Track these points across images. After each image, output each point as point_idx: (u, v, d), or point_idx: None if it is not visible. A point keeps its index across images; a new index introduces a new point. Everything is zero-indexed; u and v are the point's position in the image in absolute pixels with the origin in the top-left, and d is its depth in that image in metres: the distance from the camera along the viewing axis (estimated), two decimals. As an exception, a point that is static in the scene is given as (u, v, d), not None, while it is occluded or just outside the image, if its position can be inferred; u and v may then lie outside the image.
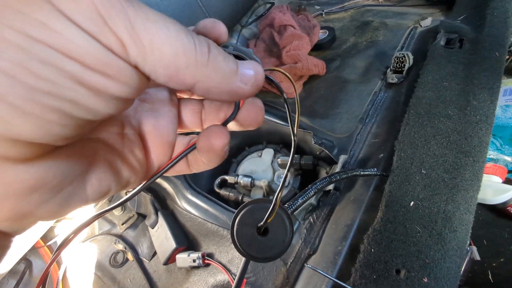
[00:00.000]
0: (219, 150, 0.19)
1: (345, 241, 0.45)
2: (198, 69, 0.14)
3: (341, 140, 0.61)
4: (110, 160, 0.18)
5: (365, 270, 0.38)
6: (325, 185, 0.44)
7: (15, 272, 0.64)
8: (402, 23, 0.80)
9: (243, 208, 0.26)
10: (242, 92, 0.17)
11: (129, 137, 0.20)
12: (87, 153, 0.17)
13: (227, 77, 0.16)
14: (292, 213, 0.43)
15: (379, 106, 0.63)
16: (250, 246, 0.25)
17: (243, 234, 0.25)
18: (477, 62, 0.55)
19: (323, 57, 0.80)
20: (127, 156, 0.19)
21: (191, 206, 0.61)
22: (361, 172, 0.46)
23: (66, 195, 0.15)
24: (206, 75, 0.15)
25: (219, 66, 0.15)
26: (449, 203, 0.41)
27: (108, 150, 0.18)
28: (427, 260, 0.37)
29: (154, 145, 0.21)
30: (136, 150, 0.20)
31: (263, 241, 0.25)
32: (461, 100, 0.51)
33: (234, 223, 0.25)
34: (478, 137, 0.46)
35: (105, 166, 0.18)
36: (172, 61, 0.14)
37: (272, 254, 0.25)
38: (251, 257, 0.25)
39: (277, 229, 0.25)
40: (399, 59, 0.64)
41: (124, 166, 0.19)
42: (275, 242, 0.25)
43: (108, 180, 0.18)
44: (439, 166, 0.44)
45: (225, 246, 0.56)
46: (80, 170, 0.16)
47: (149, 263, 0.61)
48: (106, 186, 0.18)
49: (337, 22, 0.91)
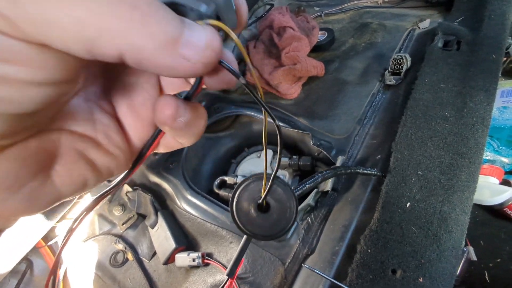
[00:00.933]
0: (168, 123, 0.16)
1: (343, 242, 0.45)
2: (117, 37, 0.11)
3: (339, 141, 0.61)
4: (80, 150, 0.17)
5: (362, 270, 0.38)
6: (331, 175, 0.44)
7: (16, 272, 0.65)
8: (401, 25, 0.80)
9: (242, 183, 0.24)
10: (183, 69, 0.13)
11: (102, 121, 0.18)
12: (47, 146, 0.15)
13: (161, 48, 0.12)
14: (300, 196, 0.42)
15: (377, 108, 0.64)
16: (250, 223, 0.23)
17: (243, 211, 0.24)
18: (474, 64, 0.56)
19: (322, 58, 0.81)
20: (102, 142, 0.18)
21: (190, 207, 0.62)
22: (363, 170, 0.47)
23: (31, 191, 0.15)
24: (131, 43, 0.12)
25: (151, 32, 0.12)
26: (445, 204, 0.42)
27: (76, 139, 0.17)
28: (423, 260, 0.38)
29: (132, 126, 0.19)
30: (112, 134, 0.18)
31: (265, 218, 0.23)
32: (458, 102, 0.51)
33: (233, 198, 0.24)
34: (475, 138, 0.47)
35: (74, 156, 0.16)
36: (78, 32, 0.11)
37: (273, 232, 0.23)
38: (251, 234, 0.24)
39: (280, 206, 0.24)
40: (397, 61, 0.64)
41: (100, 153, 0.17)
42: (278, 220, 0.23)
43: (81, 170, 0.17)
44: (435, 168, 0.45)
45: (224, 246, 0.56)
46: (39, 164, 0.15)
47: (149, 263, 0.61)
48: (79, 177, 0.17)
49: (336, 23, 0.92)
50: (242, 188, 0.24)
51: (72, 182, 0.16)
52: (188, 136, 0.18)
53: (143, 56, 0.12)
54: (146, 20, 0.11)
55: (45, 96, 0.12)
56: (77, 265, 0.65)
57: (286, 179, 0.67)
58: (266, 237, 0.24)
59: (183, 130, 0.17)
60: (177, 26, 0.12)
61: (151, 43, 0.12)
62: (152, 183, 0.69)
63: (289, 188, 0.24)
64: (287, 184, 0.24)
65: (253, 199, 0.24)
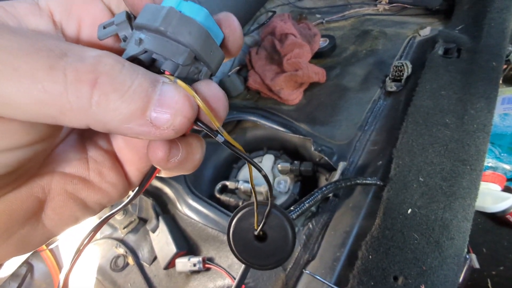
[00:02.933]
0: (161, 164, 0.15)
1: (344, 248, 0.45)
2: (80, 114, 0.11)
3: (340, 147, 0.62)
4: (71, 191, 0.17)
5: (363, 277, 0.38)
6: (332, 190, 0.44)
7: (16, 276, 0.65)
8: (401, 32, 0.81)
9: (239, 211, 0.24)
10: (153, 135, 0.12)
11: (95, 159, 0.18)
12: (37, 193, 0.15)
13: (126, 121, 0.12)
14: (298, 217, 0.42)
15: (378, 114, 0.64)
16: (248, 252, 0.23)
17: (240, 239, 0.23)
18: (475, 72, 0.56)
19: (324, 65, 0.82)
20: (93, 181, 0.18)
21: (192, 211, 0.62)
22: (363, 181, 0.47)
23: (21, 237, 0.15)
24: (94, 119, 0.11)
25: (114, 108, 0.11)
26: (447, 211, 0.41)
27: (67, 181, 0.17)
28: (425, 267, 0.38)
29: (128, 159, 0.19)
30: (105, 170, 0.18)
31: (262, 247, 0.23)
32: (458, 109, 0.52)
33: (230, 227, 0.24)
34: (476, 145, 0.47)
35: (63, 198, 0.16)
36: (39, 110, 0.11)
37: (270, 262, 0.23)
38: (248, 263, 0.23)
39: (277, 235, 0.23)
40: (398, 68, 0.65)
41: (91, 192, 0.17)
42: (275, 249, 0.23)
43: (71, 211, 0.17)
44: (436, 174, 0.45)
45: (225, 251, 0.56)
46: (28, 213, 0.15)
47: (150, 267, 0.61)
48: (69, 218, 0.17)
49: (338, 30, 0.93)
50: (239, 216, 0.24)
51: (62, 222, 0.16)
52: (183, 171, 0.17)
53: (109, 128, 0.12)
54: (108, 97, 0.11)
55: (17, 158, 0.12)
56: (78, 269, 0.65)
57: (287, 184, 0.67)
58: (264, 267, 0.24)
59: (178, 168, 0.16)
60: (145, 93, 0.12)
61: (115, 119, 0.11)
62: (153, 187, 0.69)
63: (285, 217, 0.23)
64: (284, 212, 0.24)
65: (250, 228, 0.23)
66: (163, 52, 0.13)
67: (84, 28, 0.15)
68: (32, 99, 0.10)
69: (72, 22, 0.15)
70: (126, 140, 0.18)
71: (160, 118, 0.12)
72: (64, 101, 0.11)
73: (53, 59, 0.11)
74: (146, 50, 0.13)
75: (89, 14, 0.14)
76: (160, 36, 0.13)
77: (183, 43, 0.13)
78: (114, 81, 0.11)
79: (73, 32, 0.15)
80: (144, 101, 0.12)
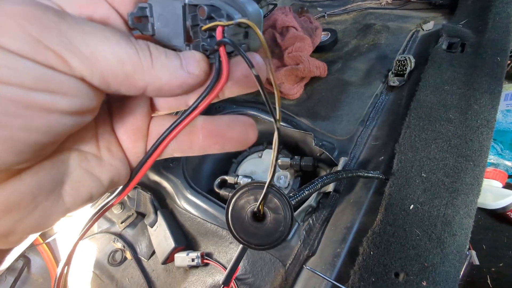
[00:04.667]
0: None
1: (344, 244, 0.45)
2: (145, 72, 0.15)
3: (341, 142, 0.61)
4: (86, 167, 0.18)
5: (364, 273, 0.37)
6: (332, 180, 0.44)
7: (13, 269, 0.64)
8: (404, 26, 0.80)
9: (238, 191, 0.24)
10: (192, 80, 0.17)
11: (104, 137, 0.19)
12: (58, 167, 0.17)
13: (174, 72, 0.16)
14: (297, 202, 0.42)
15: (380, 109, 0.63)
16: (245, 232, 0.23)
17: (238, 219, 0.24)
18: (479, 67, 0.56)
19: (325, 59, 0.80)
20: (105, 158, 0.19)
21: (190, 206, 0.61)
22: (365, 174, 0.46)
23: (44, 210, 0.16)
24: (155, 75, 0.15)
25: (164, 64, 0.16)
26: (449, 207, 0.41)
27: (81, 158, 0.18)
28: (426, 263, 0.37)
29: (126, 139, 0.20)
30: (113, 148, 0.19)
31: (260, 227, 0.23)
32: (462, 104, 0.51)
33: (228, 207, 0.24)
34: (479, 141, 0.46)
35: (81, 174, 0.17)
36: (119, 68, 0.14)
37: (267, 241, 0.23)
38: (246, 243, 0.24)
39: (275, 215, 0.23)
40: (400, 62, 0.64)
41: (104, 168, 0.18)
42: (273, 229, 0.23)
43: (87, 187, 0.18)
44: (439, 170, 0.44)
45: (224, 247, 0.56)
46: (53, 185, 0.16)
47: (148, 262, 0.61)
48: (85, 194, 0.18)
49: (339, 24, 0.91)
50: (238, 196, 0.24)
51: (79, 199, 0.17)
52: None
53: (163, 82, 0.16)
54: (159, 58, 0.16)
55: (73, 124, 0.15)
56: (75, 263, 0.64)
57: (287, 179, 0.66)
58: (260, 247, 0.24)
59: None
60: (176, 55, 0.16)
61: (167, 72, 0.16)
62: (152, 181, 0.69)
63: (284, 198, 0.24)
64: (283, 193, 0.24)
65: (248, 208, 0.24)
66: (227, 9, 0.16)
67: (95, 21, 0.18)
68: (117, 58, 0.14)
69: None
70: (125, 120, 0.20)
71: (191, 66, 0.16)
72: (137, 60, 0.14)
73: (125, 35, 0.15)
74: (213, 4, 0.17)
75: (96, 12, 0.17)
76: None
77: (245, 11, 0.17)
78: (159, 49, 0.16)
79: None
80: (177, 58, 0.16)
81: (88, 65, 0.13)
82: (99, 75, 0.14)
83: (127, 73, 0.14)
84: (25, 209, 0.15)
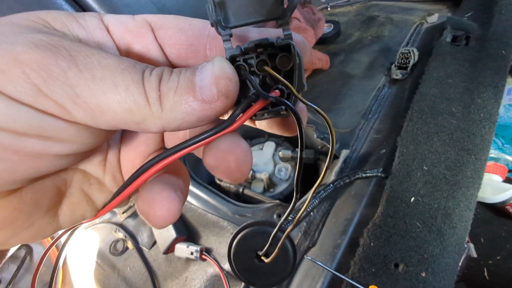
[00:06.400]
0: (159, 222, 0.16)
1: (345, 235, 0.45)
2: (156, 117, 0.13)
3: (343, 135, 0.61)
4: (85, 190, 0.18)
5: (364, 263, 0.38)
6: (329, 192, 0.45)
7: (15, 258, 0.65)
8: (408, 18, 0.79)
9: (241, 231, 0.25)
10: (211, 112, 0.14)
11: (111, 162, 0.19)
12: (60, 185, 0.17)
13: (186, 110, 0.14)
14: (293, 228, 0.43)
15: (382, 102, 0.63)
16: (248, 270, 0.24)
17: (241, 258, 0.24)
18: (483, 60, 0.55)
19: (327, 51, 0.80)
20: (107, 184, 0.19)
21: (192, 197, 0.61)
22: (363, 175, 0.47)
23: (38, 227, 0.16)
24: (167, 118, 0.14)
25: (174, 104, 0.14)
26: (450, 200, 0.41)
27: (85, 180, 0.18)
28: (426, 255, 0.38)
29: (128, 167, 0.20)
30: (117, 174, 0.19)
31: (263, 267, 0.24)
32: (465, 97, 0.51)
33: (232, 244, 0.25)
34: (481, 135, 0.46)
35: (79, 196, 0.17)
36: (127, 118, 0.13)
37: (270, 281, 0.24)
38: (249, 282, 0.24)
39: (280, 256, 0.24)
40: (404, 55, 0.63)
41: (102, 193, 0.18)
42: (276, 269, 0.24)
43: (82, 210, 0.18)
44: (440, 163, 0.44)
45: (225, 237, 0.56)
46: (51, 204, 0.16)
47: (149, 252, 0.61)
48: (79, 215, 0.18)
49: (343, 16, 0.90)
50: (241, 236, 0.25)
51: (73, 219, 0.17)
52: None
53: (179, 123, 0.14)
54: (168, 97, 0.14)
55: (68, 164, 0.14)
56: (77, 252, 0.65)
57: (288, 172, 0.66)
58: (263, 286, 0.25)
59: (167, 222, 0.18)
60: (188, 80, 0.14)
61: (179, 113, 0.14)
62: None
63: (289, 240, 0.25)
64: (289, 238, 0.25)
65: (252, 248, 0.24)
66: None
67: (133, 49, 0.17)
68: (124, 108, 0.13)
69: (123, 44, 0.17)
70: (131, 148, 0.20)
71: (206, 92, 0.14)
72: (146, 108, 0.13)
73: (137, 75, 0.13)
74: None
75: (138, 42, 0.17)
76: None
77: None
78: (167, 85, 0.14)
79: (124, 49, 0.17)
80: (189, 85, 0.14)
81: (92, 115, 0.13)
82: (105, 123, 0.13)
83: (137, 121, 0.13)
84: (21, 226, 0.15)
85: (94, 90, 0.12)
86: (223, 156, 0.16)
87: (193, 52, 0.17)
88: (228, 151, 0.16)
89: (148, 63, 0.16)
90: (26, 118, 0.12)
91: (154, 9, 0.60)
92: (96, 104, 0.12)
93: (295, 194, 0.18)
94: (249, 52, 0.16)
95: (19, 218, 0.14)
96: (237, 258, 0.24)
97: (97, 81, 0.12)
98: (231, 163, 0.15)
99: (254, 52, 0.16)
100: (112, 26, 0.16)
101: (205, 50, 0.17)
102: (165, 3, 0.62)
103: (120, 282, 0.60)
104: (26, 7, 0.47)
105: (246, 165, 0.16)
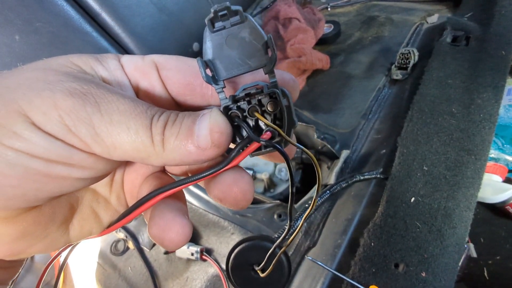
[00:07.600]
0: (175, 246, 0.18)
1: (345, 235, 0.45)
2: (158, 156, 0.16)
3: (343, 135, 0.61)
4: (95, 208, 0.21)
5: (365, 263, 0.38)
6: (326, 199, 0.46)
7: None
8: (409, 19, 0.79)
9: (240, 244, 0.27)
10: (205, 157, 0.17)
11: (117, 182, 0.22)
12: (73, 202, 0.19)
13: (183, 153, 0.16)
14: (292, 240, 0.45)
15: (382, 102, 0.63)
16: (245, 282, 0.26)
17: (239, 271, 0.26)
18: (483, 60, 0.55)
19: (328, 51, 0.80)
20: (113, 203, 0.21)
21: (192, 197, 0.61)
22: (361, 177, 0.47)
23: (52, 239, 0.18)
24: (167, 158, 0.16)
25: (174, 148, 0.16)
26: (450, 200, 0.41)
27: (94, 198, 0.21)
28: (426, 255, 0.38)
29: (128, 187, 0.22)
30: (122, 194, 0.22)
31: (259, 279, 0.26)
32: (465, 98, 0.51)
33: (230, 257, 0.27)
34: (481, 135, 0.46)
35: (88, 213, 0.20)
36: (134, 154, 0.16)
37: None
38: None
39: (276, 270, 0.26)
40: (404, 55, 0.63)
41: (108, 212, 0.21)
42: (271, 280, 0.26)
43: (90, 226, 0.20)
44: (441, 163, 0.44)
45: (226, 237, 0.56)
46: (65, 218, 0.19)
47: (150, 252, 0.61)
48: (87, 231, 0.20)
49: (343, 16, 0.90)
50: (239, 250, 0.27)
51: (81, 234, 0.20)
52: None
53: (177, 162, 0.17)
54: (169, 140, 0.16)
55: (85, 185, 0.17)
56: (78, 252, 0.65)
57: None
58: None
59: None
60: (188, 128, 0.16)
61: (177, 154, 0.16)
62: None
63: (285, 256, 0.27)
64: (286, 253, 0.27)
65: (250, 262, 0.26)
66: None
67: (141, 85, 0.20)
68: (133, 147, 0.16)
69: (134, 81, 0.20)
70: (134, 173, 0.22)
71: (202, 141, 0.16)
72: (150, 148, 0.16)
73: (146, 120, 0.16)
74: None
75: (144, 80, 0.20)
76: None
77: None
78: (170, 130, 0.16)
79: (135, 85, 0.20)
80: (188, 133, 0.16)
81: (107, 151, 0.16)
82: (117, 157, 0.16)
83: (142, 157, 0.16)
84: (38, 237, 0.17)
85: (111, 131, 0.15)
86: (229, 188, 0.18)
87: (190, 90, 0.20)
88: (233, 184, 0.18)
89: (153, 98, 0.20)
90: (57, 149, 0.15)
91: (154, 10, 0.60)
92: (111, 142, 0.15)
93: (289, 222, 0.20)
94: (241, 100, 0.18)
95: (37, 229, 0.17)
96: (235, 271, 0.27)
97: (114, 123, 0.15)
98: (238, 194, 0.18)
99: (246, 99, 0.18)
100: (125, 66, 0.20)
101: (201, 89, 0.20)
102: (166, 4, 0.62)
103: (121, 282, 0.60)
104: (26, 8, 0.47)
105: (250, 194, 0.18)
